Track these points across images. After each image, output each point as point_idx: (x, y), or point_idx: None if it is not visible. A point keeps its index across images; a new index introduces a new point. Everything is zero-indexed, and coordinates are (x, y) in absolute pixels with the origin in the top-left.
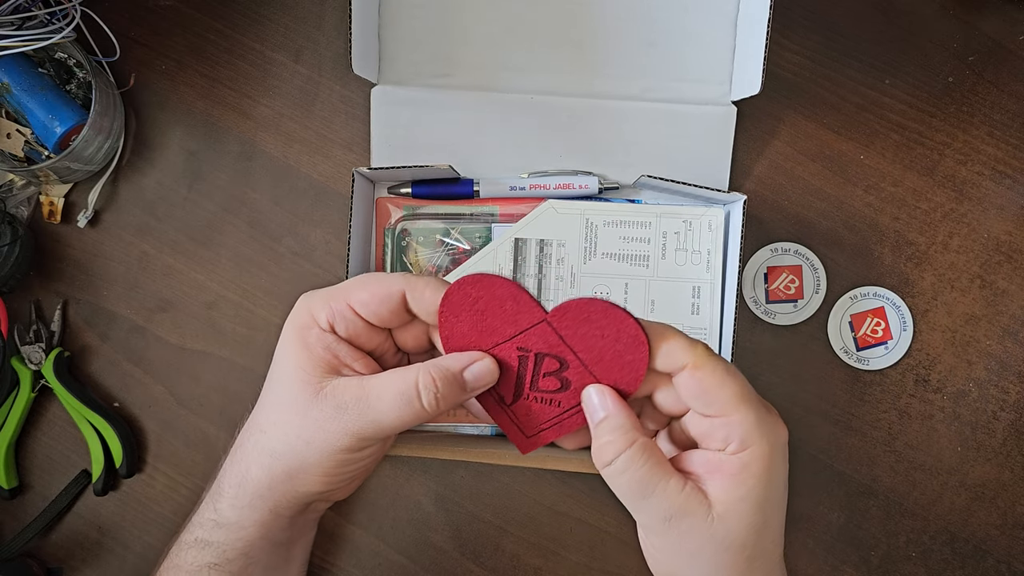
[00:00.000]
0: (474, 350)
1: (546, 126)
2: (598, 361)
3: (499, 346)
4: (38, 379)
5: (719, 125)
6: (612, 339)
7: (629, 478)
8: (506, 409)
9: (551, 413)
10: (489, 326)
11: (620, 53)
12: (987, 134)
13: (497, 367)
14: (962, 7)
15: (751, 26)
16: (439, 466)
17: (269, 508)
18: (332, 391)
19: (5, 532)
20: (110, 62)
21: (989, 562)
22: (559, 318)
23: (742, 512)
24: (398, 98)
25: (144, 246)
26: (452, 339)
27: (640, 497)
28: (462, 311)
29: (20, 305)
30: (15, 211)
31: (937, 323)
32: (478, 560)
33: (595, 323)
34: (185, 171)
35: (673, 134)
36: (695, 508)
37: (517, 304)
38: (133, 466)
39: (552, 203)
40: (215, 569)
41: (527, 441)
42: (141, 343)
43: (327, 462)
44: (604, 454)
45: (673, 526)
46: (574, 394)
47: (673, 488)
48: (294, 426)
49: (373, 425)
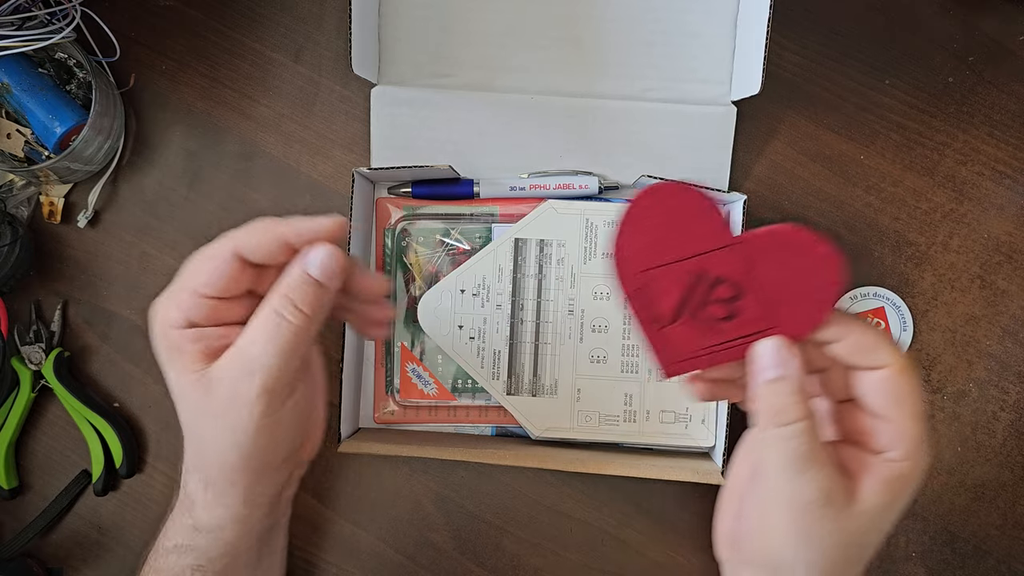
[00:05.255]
0: (645, 266)
1: (546, 126)
2: (777, 298)
3: (674, 264)
4: (38, 379)
5: (719, 125)
6: (802, 278)
7: (794, 448)
8: (662, 329)
9: (709, 341)
10: (670, 242)
11: (620, 53)
12: (987, 134)
13: (336, 251)
14: (962, 7)
15: (751, 26)
16: (439, 466)
17: (242, 502)
18: (215, 372)
19: (5, 532)
20: (110, 62)
21: (989, 562)
22: (752, 243)
23: (879, 518)
24: (398, 98)
25: (144, 246)
26: (624, 250)
27: (794, 470)
28: (646, 222)
29: (20, 305)
30: (15, 211)
31: (937, 323)
32: (478, 560)
33: (791, 256)
34: (185, 171)
35: (673, 134)
36: (839, 499)
37: (707, 222)
38: (133, 466)
39: (552, 203)
40: (199, 571)
41: (673, 366)
42: (141, 343)
43: (263, 437)
44: (781, 416)
45: (811, 508)
46: (739, 326)
47: (828, 474)
48: (213, 428)
49: (264, 373)
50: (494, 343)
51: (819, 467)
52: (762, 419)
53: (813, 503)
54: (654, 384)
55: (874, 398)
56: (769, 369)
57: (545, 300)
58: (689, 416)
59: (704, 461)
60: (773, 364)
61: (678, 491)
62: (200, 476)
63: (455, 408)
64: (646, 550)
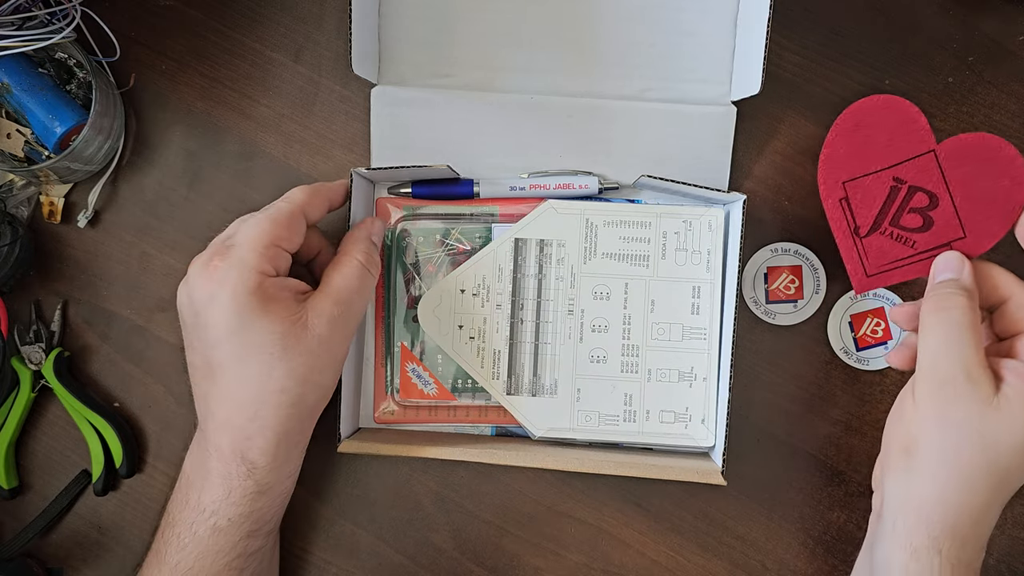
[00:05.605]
0: (850, 175)
1: (546, 126)
2: (972, 201)
3: (874, 175)
4: (38, 379)
5: (719, 125)
6: (990, 183)
7: (945, 322)
8: (858, 240)
9: (902, 253)
10: (872, 152)
11: (620, 53)
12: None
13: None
14: (962, 7)
15: (751, 26)
16: (439, 466)
17: (304, 448)
18: (314, 312)
19: (5, 532)
20: (110, 62)
21: (989, 562)
22: (948, 149)
23: (1017, 425)
24: (398, 98)
25: (144, 246)
26: (830, 162)
27: (942, 344)
28: (852, 134)
29: (20, 305)
30: (15, 211)
31: None
32: (478, 560)
33: (982, 161)
34: (185, 171)
35: (673, 134)
36: (980, 385)
37: (909, 129)
38: (133, 466)
39: (552, 203)
40: (254, 535)
41: (867, 280)
42: (141, 343)
43: (339, 367)
44: (942, 302)
45: (951, 385)
46: (933, 236)
47: (972, 356)
48: (309, 366)
49: (360, 313)
50: (494, 343)
51: (965, 346)
52: (925, 310)
53: (953, 379)
54: (654, 384)
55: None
56: (942, 272)
57: (545, 300)
58: (689, 416)
59: (704, 461)
60: (946, 268)
61: (678, 491)
62: (267, 437)
63: (455, 408)
64: (646, 550)
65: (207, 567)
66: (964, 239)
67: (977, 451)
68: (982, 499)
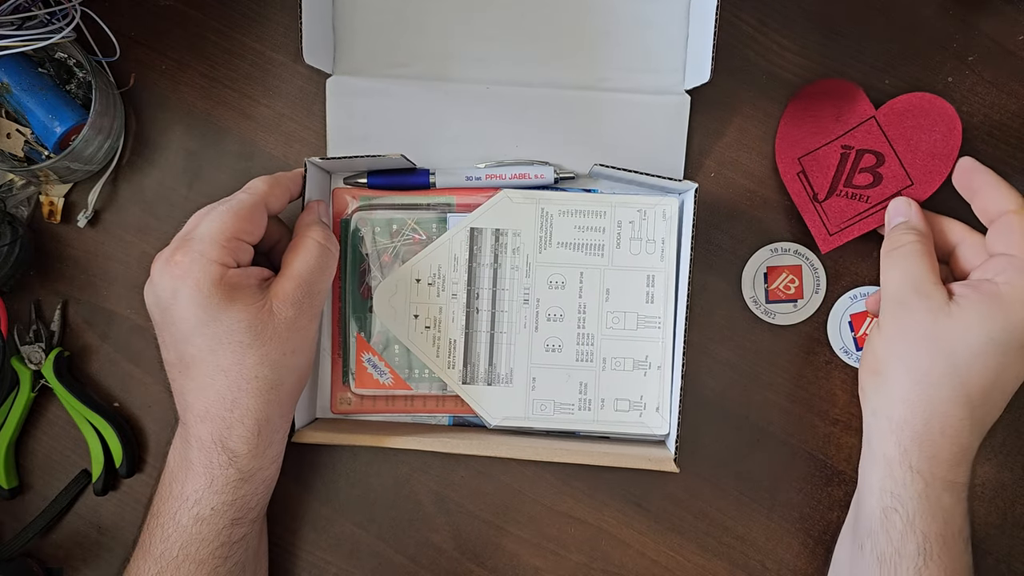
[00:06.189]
0: (803, 151)
1: (502, 116)
2: (913, 153)
3: (826, 146)
4: (38, 379)
5: (673, 114)
6: (928, 135)
7: (901, 253)
8: (818, 206)
9: (858, 208)
10: (822, 128)
11: (575, 43)
12: (987, 134)
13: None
14: (962, 7)
15: (703, 15)
16: (439, 466)
17: (285, 433)
18: (277, 297)
19: (5, 532)
20: (110, 62)
21: (989, 562)
22: (886, 112)
23: (971, 332)
24: (354, 88)
25: (144, 246)
26: (785, 141)
27: (898, 269)
28: (803, 115)
29: (20, 305)
30: (15, 211)
31: None
32: (478, 560)
33: (918, 117)
34: (185, 171)
35: (629, 124)
36: (934, 296)
37: (852, 104)
38: (133, 466)
39: (507, 192)
40: (238, 523)
41: (830, 239)
42: (141, 343)
43: (312, 347)
44: (897, 240)
45: (907, 300)
46: (884, 189)
47: (925, 273)
48: (280, 350)
49: (323, 293)
50: (450, 332)
51: (917, 269)
52: (883, 252)
53: (907, 297)
54: (609, 372)
55: (992, 239)
56: (895, 217)
57: (500, 289)
58: (644, 404)
59: (658, 448)
60: (896, 213)
61: (679, 491)
62: (248, 425)
63: (412, 398)
64: (646, 550)
65: (192, 555)
66: (912, 186)
67: (936, 357)
68: (946, 406)
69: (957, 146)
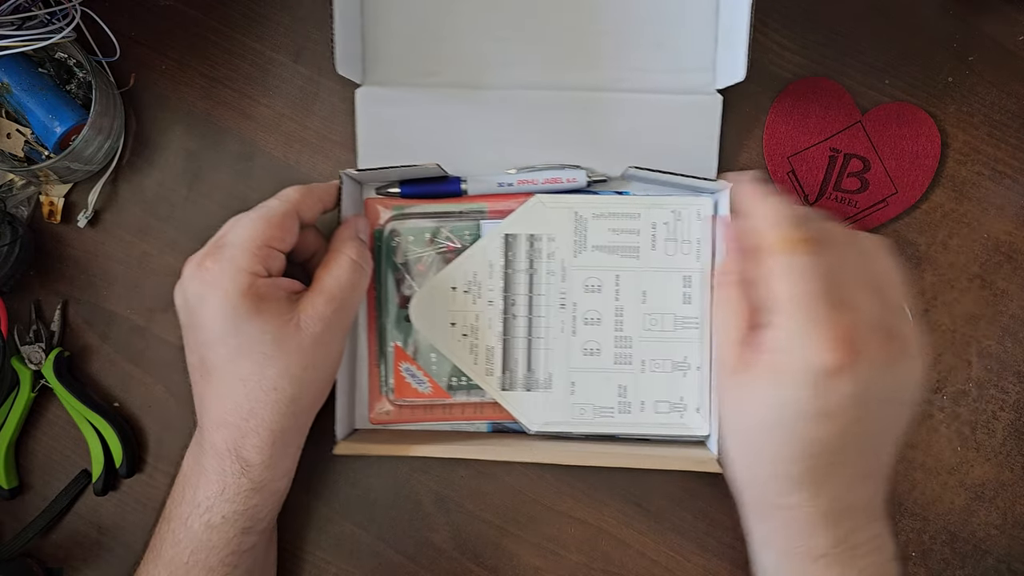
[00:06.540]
0: (792, 151)
1: (533, 121)
2: (896, 161)
3: (814, 147)
4: (38, 379)
5: (705, 114)
6: (912, 139)
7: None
8: (809, 208)
9: (847, 212)
10: (809, 127)
11: (605, 45)
12: (987, 134)
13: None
14: (962, 7)
15: (733, 12)
16: (439, 466)
17: (300, 445)
18: (306, 312)
19: (5, 532)
20: (110, 62)
21: (989, 562)
22: (871, 119)
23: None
24: (384, 98)
25: (144, 246)
26: (774, 139)
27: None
28: (790, 113)
29: (20, 305)
30: (15, 211)
31: (937, 323)
32: (478, 560)
33: (901, 124)
34: (185, 171)
35: (660, 125)
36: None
37: (838, 105)
38: (133, 466)
39: (540, 198)
40: (248, 532)
41: None
42: (141, 343)
43: (336, 364)
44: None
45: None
46: (871, 195)
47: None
48: (303, 365)
49: (353, 309)
50: (487, 339)
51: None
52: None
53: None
54: (648, 375)
55: (763, 279)
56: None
57: (536, 295)
58: (684, 405)
59: (700, 450)
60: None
61: (679, 491)
62: (262, 436)
63: (450, 406)
64: (646, 550)
65: (201, 562)
66: (897, 194)
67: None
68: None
69: (936, 156)
